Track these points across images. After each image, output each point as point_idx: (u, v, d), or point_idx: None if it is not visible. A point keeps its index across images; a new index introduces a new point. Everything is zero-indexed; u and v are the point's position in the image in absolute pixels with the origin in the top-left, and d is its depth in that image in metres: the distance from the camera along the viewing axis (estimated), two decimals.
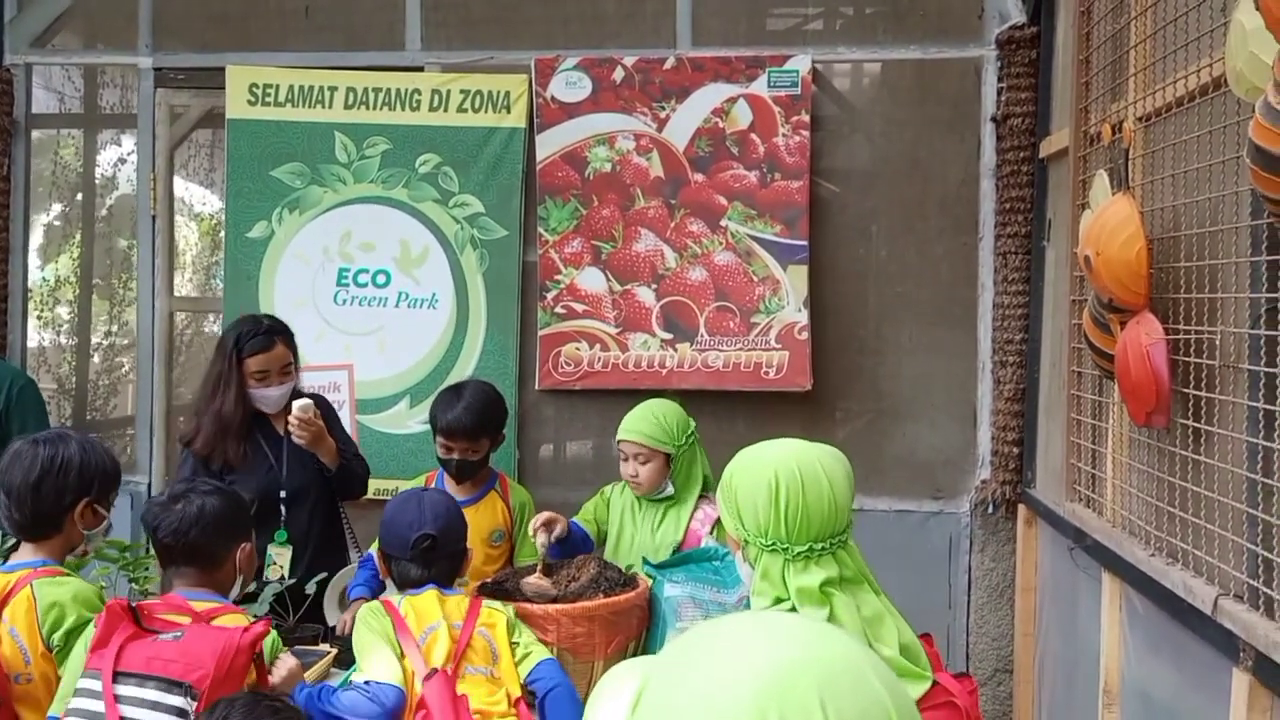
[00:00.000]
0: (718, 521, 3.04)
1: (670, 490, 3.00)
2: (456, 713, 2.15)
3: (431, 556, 2.44)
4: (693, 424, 3.05)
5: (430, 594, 2.41)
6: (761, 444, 1.83)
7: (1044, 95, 3.76)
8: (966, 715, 1.68)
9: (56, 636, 2.20)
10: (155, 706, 1.93)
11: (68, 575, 2.31)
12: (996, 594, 3.92)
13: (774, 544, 1.71)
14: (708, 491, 3.01)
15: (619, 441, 3.04)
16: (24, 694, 2.20)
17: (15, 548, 2.46)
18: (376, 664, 2.26)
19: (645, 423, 2.97)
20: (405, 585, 2.45)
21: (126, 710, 1.94)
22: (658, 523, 3.01)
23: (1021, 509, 3.77)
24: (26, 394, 3.60)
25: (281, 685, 2.10)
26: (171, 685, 1.95)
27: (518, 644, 2.40)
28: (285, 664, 2.16)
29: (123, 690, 1.96)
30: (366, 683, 2.22)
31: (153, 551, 2.74)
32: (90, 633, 2.12)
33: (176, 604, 2.17)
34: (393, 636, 2.32)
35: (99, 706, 1.96)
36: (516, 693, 2.33)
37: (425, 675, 2.23)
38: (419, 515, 2.45)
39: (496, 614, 2.41)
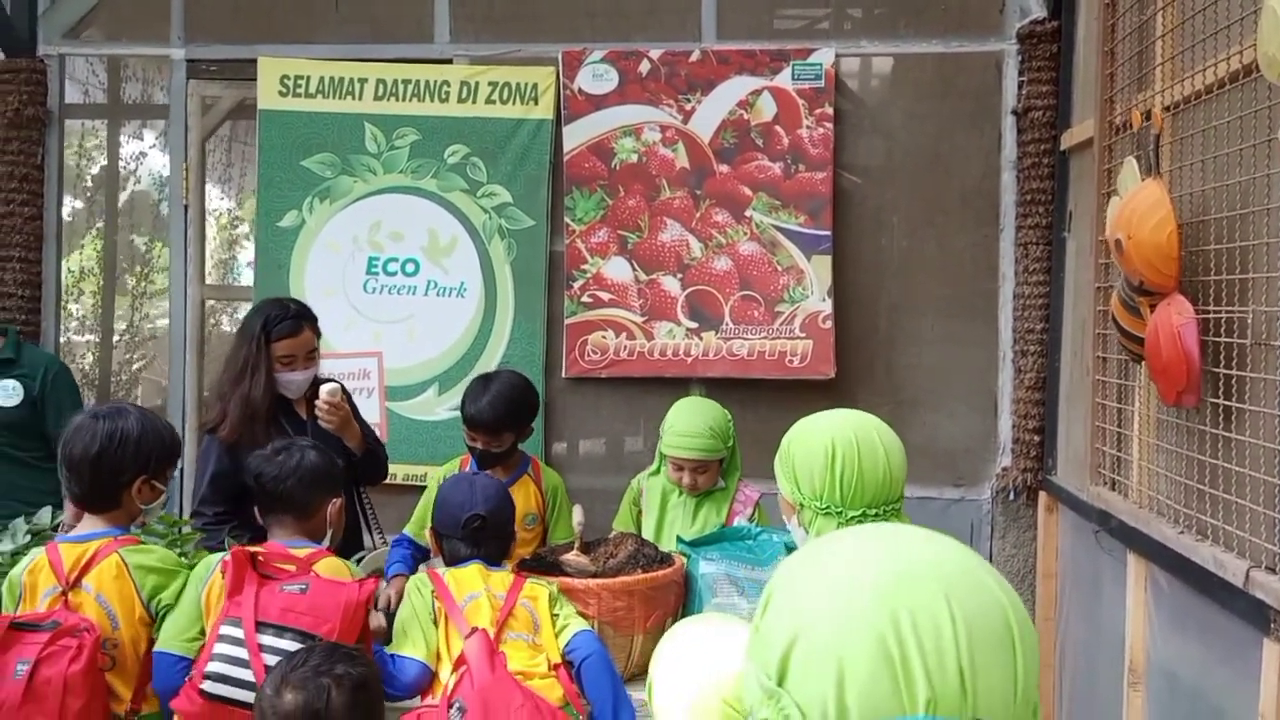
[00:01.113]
0: (757, 505, 3.11)
1: (721, 483, 3.06)
2: (494, 667, 2.22)
3: (481, 536, 2.50)
4: (730, 417, 3.10)
5: (474, 567, 2.48)
6: (820, 413, 1.89)
7: (1065, 88, 3.82)
8: None
9: (164, 596, 2.28)
10: None
11: (146, 544, 2.38)
12: (1017, 580, 3.97)
13: (829, 508, 1.77)
14: (744, 476, 3.07)
15: (673, 457, 3.03)
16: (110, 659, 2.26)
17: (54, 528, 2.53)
18: (406, 640, 2.36)
19: (701, 437, 2.98)
20: (454, 562, 2.52)
21: (269, 659, 2.08)
22: (698, 509, 3.07)
23: (1042, 495, 3.83)
24: (61, 379, 3.67)
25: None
26: (306, 637, 2.11)
27: (558, 615, 2.46)
28: (375, 619, 2.31)
29: (263, 639, 2.12)
30: (393, 656, 2.32)
31: (196, 528, 2.83)
32: (202, 576, 2.26)
33: (280, 553, 2.28)
34: (431, 610, 2.39)
35: (244, 654, 2.11)
36: (556, 659, 2.39)
37: (466, 633, 2.30)
38: (470, 496, 2.53)
39: (539, 588, 2.48)
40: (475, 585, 2.43)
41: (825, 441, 1.81)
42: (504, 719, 2.14)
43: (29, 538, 2.64)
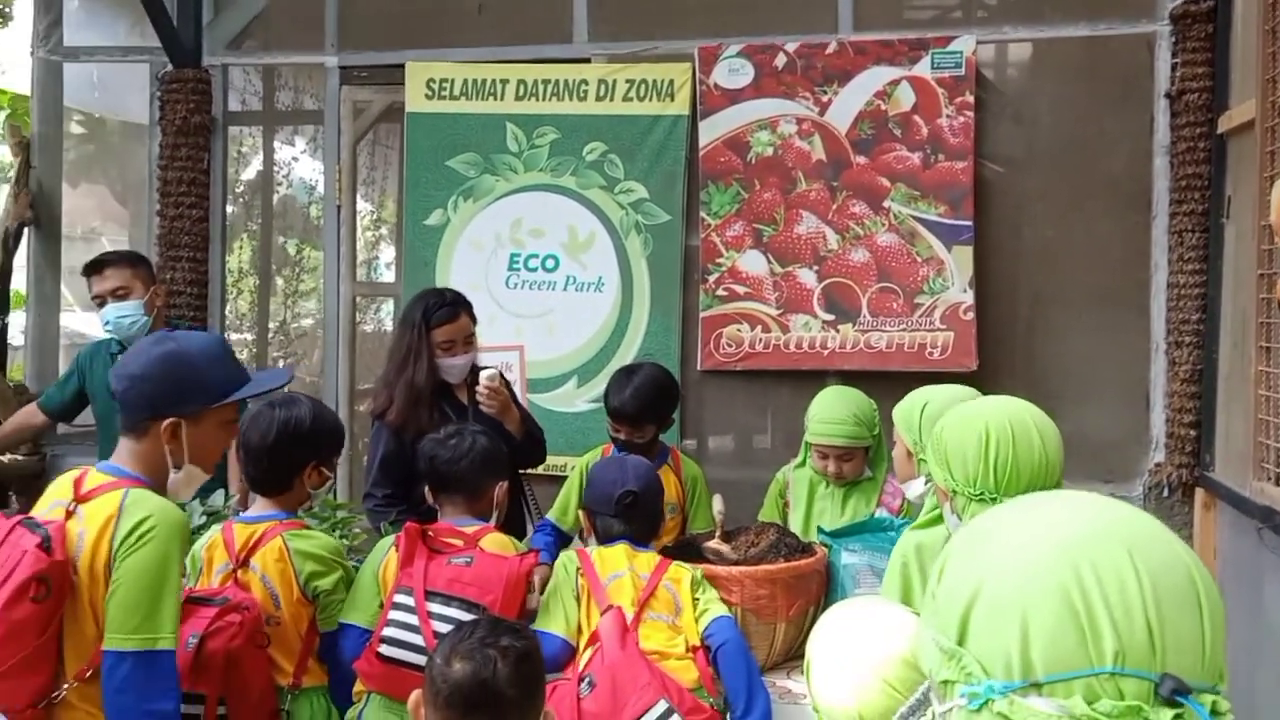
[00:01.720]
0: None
1: (868, 473, 3.06)
2: (624, 644, 2.28)
3: (633, 513, 2.59)
4: (876, 406, 3.08)
5: (620, 547, 2.54)
6: (975, 400, 1.88)
7: (1222, 69, 3.67)
8: None
9: (320, 584, 2.41)
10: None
11: (309, 529, 2.52)
12: None
13: (982, 494, 1.76)
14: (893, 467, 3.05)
15: (818, 444, 3.05)
16: (274, 635, 2.40)
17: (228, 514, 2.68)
18: (549, 617, 2.45)
19: (845, 424, 3.00)
20: (607, 539, 2.60)
21: (437, 625, 2.25)
22: (846, 499, 3.07)
23: (1199, 492, 3.68)
24: None
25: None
26: (472, 606, 2.27)
27: (699, 599, 2.50)
28: (531, 599, 2.43)
29: (432, 608, 2.29)
30: (537, 632, 2.38)
31: (367, 509, 2.99)
32: (379, 555, 2.44)
33: (448, 529, 2.43)
34: (575, 587, 2.46)
35: (414, 620, 2.28)
36: (695, 642, 2.42)
37: (604, 609, 2.37)
38: (622, 474, 2.63)
39: (683, 571, 2.53)
40: (620, 565, 2.49)
41: (979, 427, 1.80)
42: (630, 695, 2.20)
43: (205, 519, 2.82)
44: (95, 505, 2.01)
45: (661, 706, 2.19)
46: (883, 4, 4.15)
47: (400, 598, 2.33)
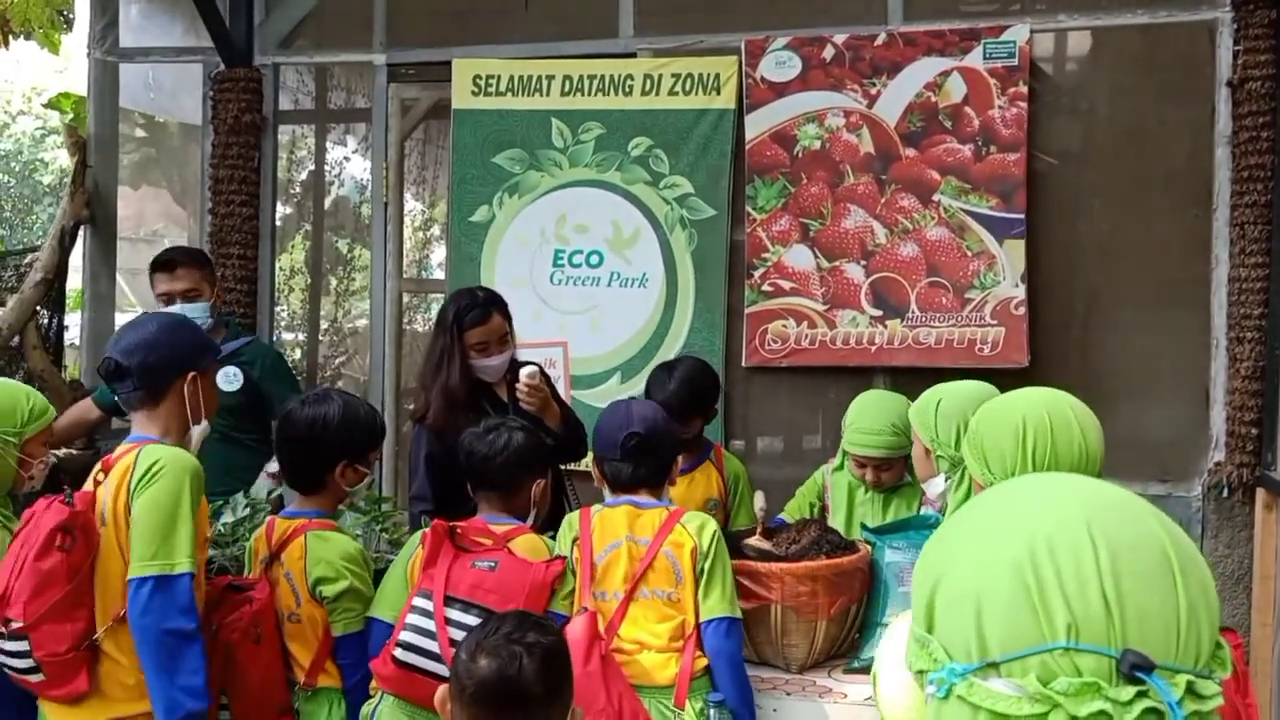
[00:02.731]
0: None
1: (908, 478, 2.99)
2: (588, 658, 2.15)
3: (640, 455, 2.49)
4: None
5: (622, 509, 2.46)
6: (1010, 391, 1.83)
7: None
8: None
9: (324, 590, 2.39)
10: None
11: (336, 530, 2.51)
12: (1232, 582, 3.71)
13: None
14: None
15: (855, 455, 2.98)
16: (295, 631, 2.42)
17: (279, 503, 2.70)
18: None
19: (884, 434, 2.91)
20: (617, 486, 2.52)
21: (454, 633, 2.18)
22: (886, 505, 3.01)
23: (1260, 492, 3.56)
24: (278, 366, 3.91)
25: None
26: (491, 614, 2.13)
27: (704, 572, 2.37)
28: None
29: (451, 614, 2.23)
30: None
31: (399, 505, 2.97)
32: (409, 551, 2.41)
33: (479, 527, 2.40)
34: (570, 560, 2.40)
35: (431, 625, 2.24)
36: (693, 622, 2.35)
37: (578, 610, 2.31)
38: (626, 417, 2.54)
39: (685, 537, 2.40)
40: (619, 532, 2.42)
41: (1016, 418, 1.74)
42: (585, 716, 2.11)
43: (248, 510, 2.84)
44: (116, 467, 2.24)
45: None
46: None
47: (419, 601, 2.28)
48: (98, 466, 2.29)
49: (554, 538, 2.56)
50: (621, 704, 2.15)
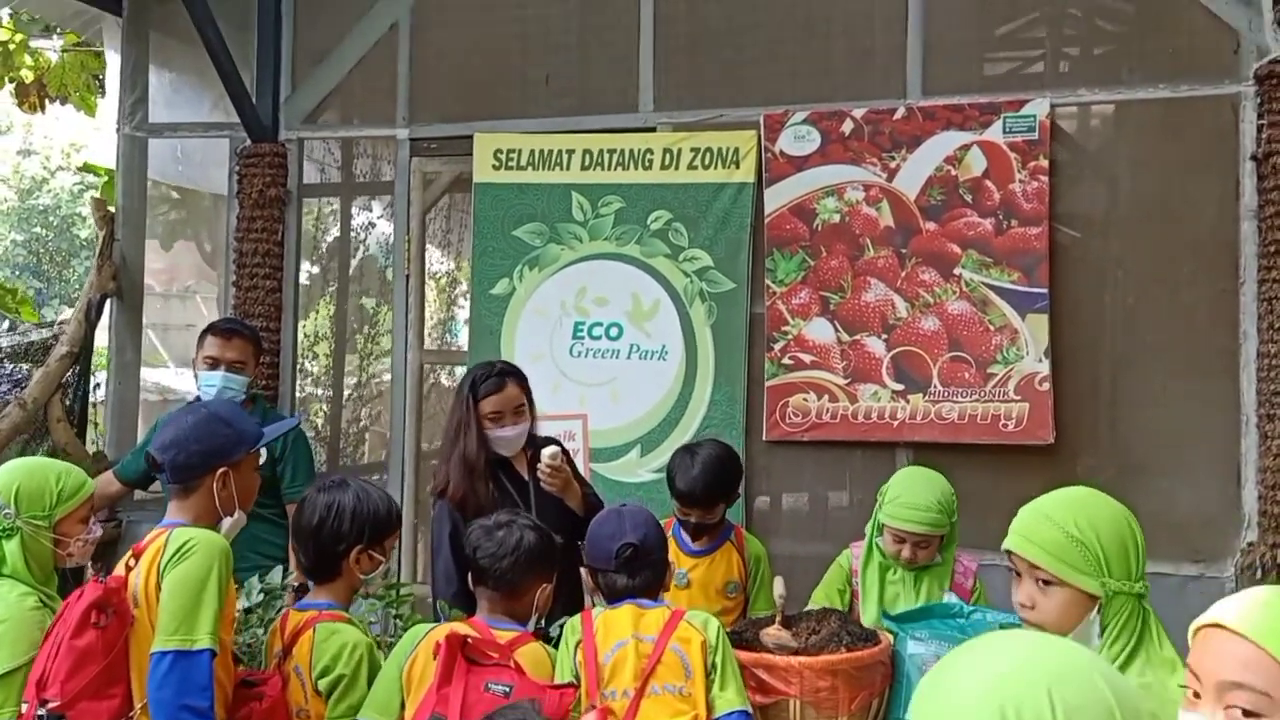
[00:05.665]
0: (976, 575, 2.96)
1: (939, 559, 2.93)
2: None
3: (634, 566, 2.46)
4: (954, 490, 2.96)
5: (626, 609, 2.42)
6: (1064, 491, 1.89)
7: None
8: None
9: (324, 683, 2.36)
10: None
11: (346, 623, 2.47)
12: None
13: (1143, 589, 1.81)
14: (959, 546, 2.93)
15: (897, 529, 2.90)
16: None
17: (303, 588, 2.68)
18: None
19: (930, 511, 2.84)
20: (612, 596, 2.48)
21: None
22: (917, 584, 2.94)
23: None
24: (299, 443, 3.92)
25: None
26: None
27: (715, 667, 2.34)
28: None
29: None
30: None
31: (410, 590, 2.93)
32: (405, 650, 2.32)
33: (482, 629, 2.34)
34: (574, 665, 2.34)
35: None
36: (704, 716, 2.29)
37: (586, 708, 2.25)
38: (619, 527, 2.50)
39: (693, 632, 2.37)
40: (624, 631, 2.37)
41: (1120, 514, 1.84)
42: None
43: (262, 596, 2.82)
44: (147, 552, 2.33)
45: None
46: (952, 69, 4.07)
47: None
48: (129, 553, 2.37)
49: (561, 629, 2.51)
50: None
